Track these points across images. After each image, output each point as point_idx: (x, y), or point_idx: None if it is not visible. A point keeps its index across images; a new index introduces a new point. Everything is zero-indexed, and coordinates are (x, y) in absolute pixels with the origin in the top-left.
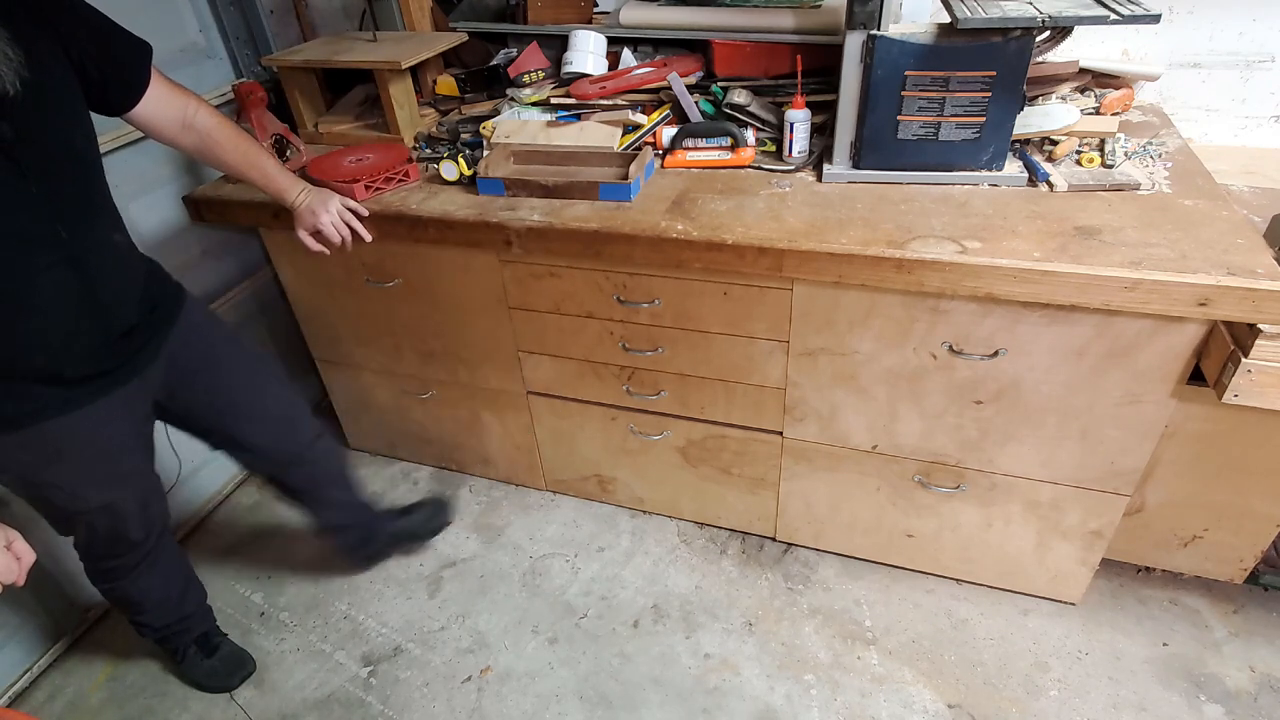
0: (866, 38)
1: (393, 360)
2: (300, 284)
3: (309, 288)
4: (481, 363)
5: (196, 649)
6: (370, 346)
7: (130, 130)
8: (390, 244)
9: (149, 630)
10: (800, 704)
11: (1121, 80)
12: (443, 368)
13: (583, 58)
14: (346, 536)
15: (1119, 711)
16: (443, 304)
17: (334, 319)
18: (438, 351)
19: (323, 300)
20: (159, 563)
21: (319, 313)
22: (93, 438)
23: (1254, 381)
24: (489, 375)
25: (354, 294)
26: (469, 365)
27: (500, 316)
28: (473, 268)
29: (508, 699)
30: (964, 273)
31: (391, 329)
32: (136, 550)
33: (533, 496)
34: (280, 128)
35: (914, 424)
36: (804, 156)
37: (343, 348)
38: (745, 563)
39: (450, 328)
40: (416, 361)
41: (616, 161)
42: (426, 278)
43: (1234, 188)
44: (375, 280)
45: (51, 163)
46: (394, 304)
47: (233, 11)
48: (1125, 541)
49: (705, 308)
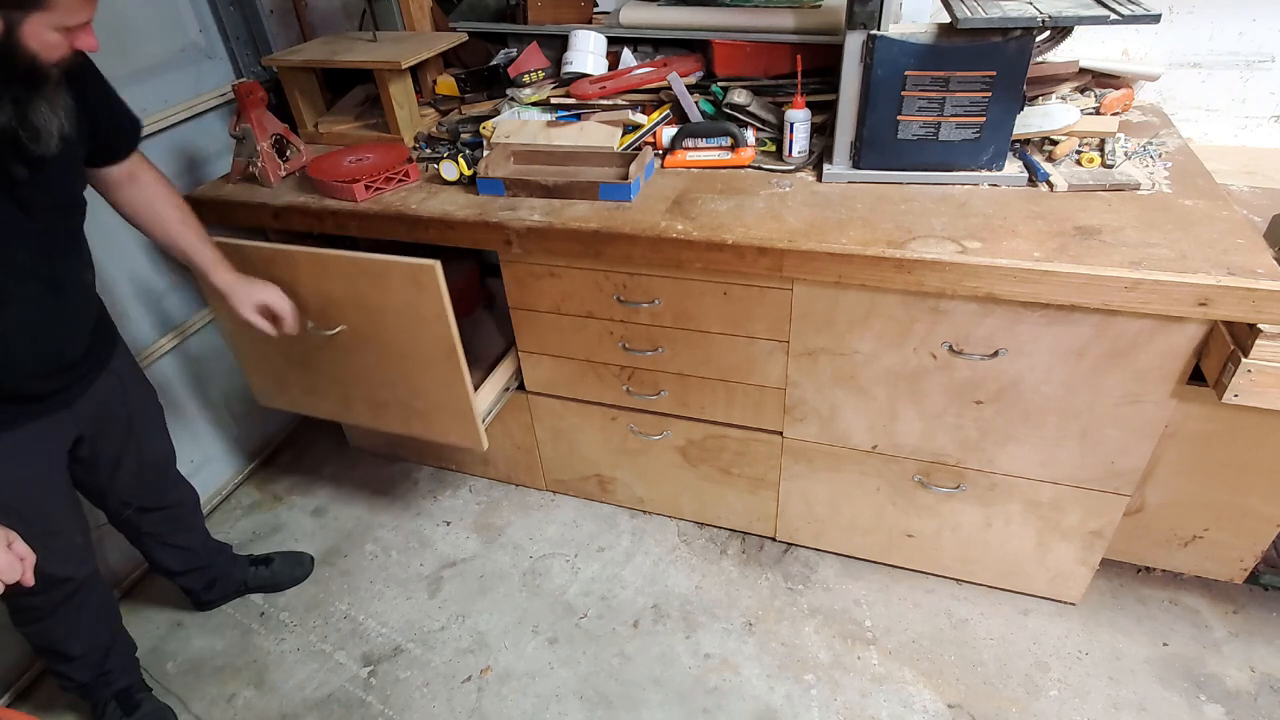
0: (866, 38)
1: (341, 409)
2: None
3: None
4: (434, 413)
5: (116, 704)
6: (316, 395)
7: None
8: (329, 285)
9: (70, 683)
10: (800, 704)
11: (1121, 80)
12: (396, 418)
13: (583, 58)
14: (188, 580)
15: (1119, 711)
16: (390, 353)
17: (278, 367)
18: (390, 402)
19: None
20: (86, 606)
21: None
22: (25, 459)
23: (1254, 381)
24: (447, 428)
25: (299, 340)
26: (423, 417)
27: (452, 368)
28: (421, 316)
29: (508, 699)
30: (964, 273)
31: (341, 379)
32: (59, 588)
33: (533, 496)
34: (280, 128)
35: (914, 424)
36: (804, 156)
37: (288, 396)
38: (745, 563)
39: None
40: (367, 413)
41: (616, 161)
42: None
43: (1234, 188)
44: (318, 327)
45: (53, 205)
46: (339, 353)
47: (233, 11)
48: (1125, 541)
49: (705, 308)
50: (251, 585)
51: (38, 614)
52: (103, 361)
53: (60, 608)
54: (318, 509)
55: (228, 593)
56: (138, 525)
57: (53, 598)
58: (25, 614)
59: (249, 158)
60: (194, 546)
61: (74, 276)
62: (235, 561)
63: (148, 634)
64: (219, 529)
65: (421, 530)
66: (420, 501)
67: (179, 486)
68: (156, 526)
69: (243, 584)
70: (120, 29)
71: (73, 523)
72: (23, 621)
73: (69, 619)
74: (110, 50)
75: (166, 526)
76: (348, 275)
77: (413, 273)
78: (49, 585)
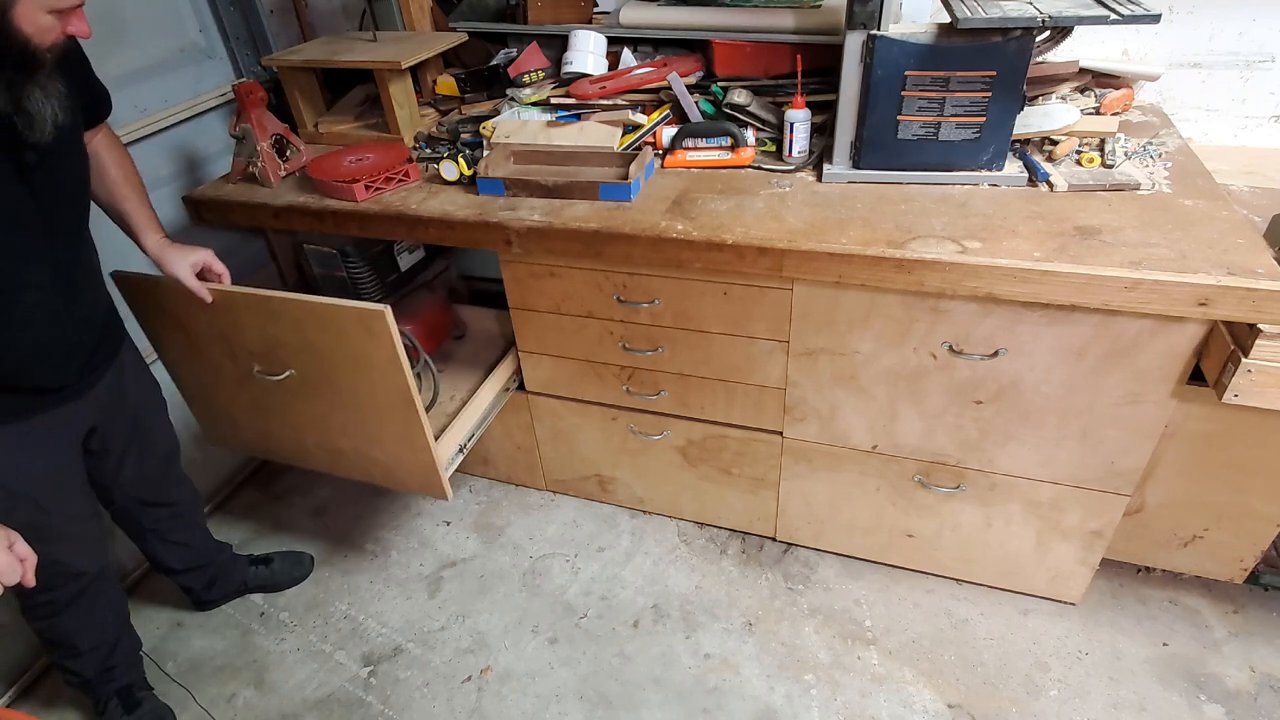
0: (867, 38)
1: (297, 455)
2: None
3: None
4: (393, 463)
5: (118, 702)
6: (269, 439)
7: (130, 130)
8: (275, 328)
9: (76, 678)
10: (800, 704)
11: (1121, 80)
12: (354, 466)
13: (583, 58)
14: (188, 578)
15: (1119, 711)
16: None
17: (227, 408)
18: (347, 450)
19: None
20: (99, 600)
21: None
22: (44, 450)
23: (1254, 381)
24: (407, 478)
25: (246, 384)
26: (382, 466)
27: (410, 418)
28: (373, 364)
29: (508, 699)
30: (964, 273)
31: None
32: (76, 582)
33: (533, 496)
34: (280, 128)
35: (914, 424)
36: (804, 156)
37: (241, 439)
38: (745, 563)
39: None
40: (324, 459)
41: (616, 161)
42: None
43: (1234, 188)
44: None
45: (60, 188)
46: (289, 398)
47: (233, 11)
48: (1125, 541)
49: (705, 308)
50: (251, 585)
51: (52, 609)
52: (113, 350)
53: (75, 601)
54: (318, 509)
55: (228, 592)
56: (140, 520)
57: (70, 591)
58: (41, 609)
59: (249, 158)
60: (194, 544)
61: (84, 263)
62: (235, 561)
63: (148, 633)
64: (219, 528)
65: (421, 530)
66: (420, 501)
67: (182, 483)
68: (158, 523)
69: (243, 584)
70: (120, 29)
71: (90, 513)
72: (37, 616)
73: (82, 613)
74: (111, 50)
75: (168, 523)
76: (293, 319)
77: (362, 318)
78: (66, 579)
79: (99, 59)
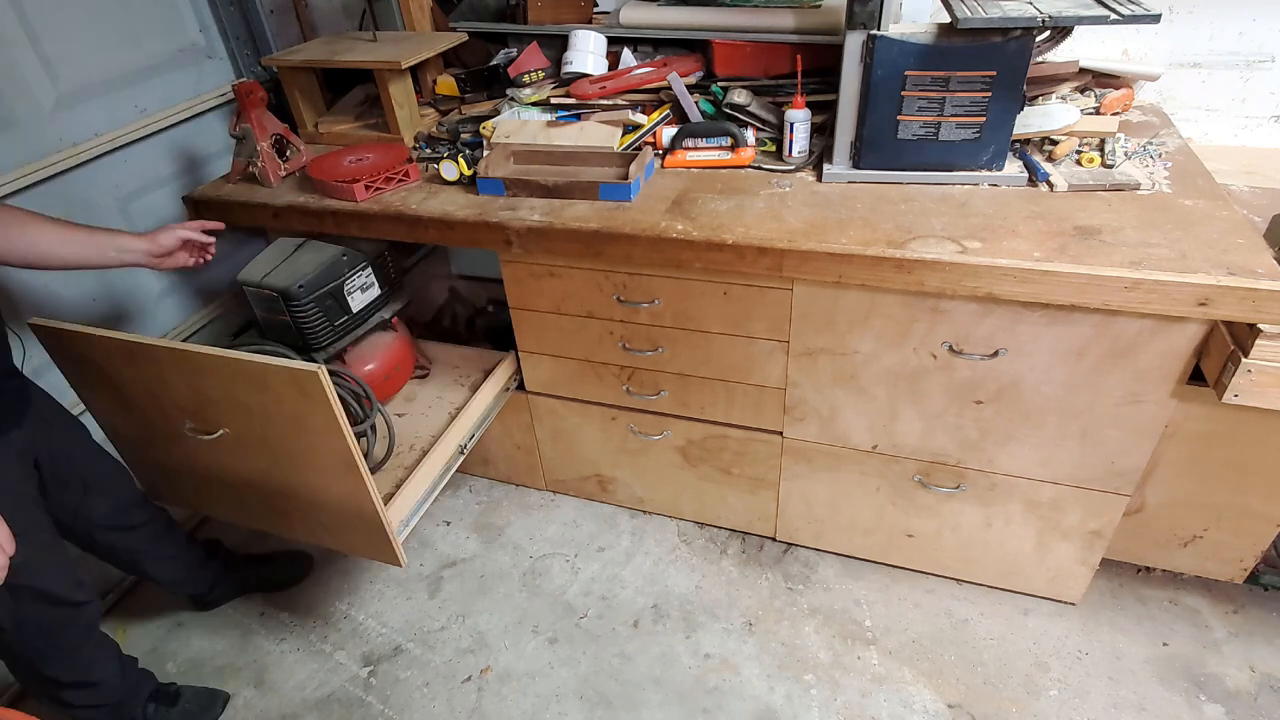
0: (866, 37)
1: (239, 514)
2: None
3: None
4: (342, 529)
5: (155, 705)
6: (210, 498)
7: (130, 130)
8: (203, 384)
9: (103, 710)
10: (800, 704)
11: (1121, 80)
12: (302, 528)
13: (583, 58)
14: (188, 586)
15: (1119, 711)
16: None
17: (163, 466)
18: (292, 511)
19: None
20: (94, 629)
21: None
22: None
23: (1254, 381)
24: (358, 544)
25: (176, 442)
26: (331, 531)
27: (355, 483)
28: (311, 427)
29: (508, 699)
30: (964, 273)
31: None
32: (68, 611)
33: (533, 496)
34: (280, 128)
35: (914, 424)
36: (804, 156)
37: (181, 495)
38: (745, 563)
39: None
40: (268, 519)
41: (616, 161)
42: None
43: (1234, 188)
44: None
45: None
46: (224, 457)
47: (233, 11)
48: (1125, 541)
49: (705, 308)
50: (251, 585)
51: (57, 648)
52: (16, 421)
53: (70, 628)
54: None
55: (228, 592)
56: (126, 545)
57: (64, 616)
58: (51, 652)
59: (249, 158)
60: (184, 554)
61: None
62: (234, 561)
63: (148, 634)
64: (218, 529)
65: (421, 530)
66: None
67: (146, 503)
68: (143, 543)
69: (243, 583)
70: (120, 29)
71: (58, 539)
72: (48, 665)
73: (87, 641)
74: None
75: (151, 542)
76: (221, 376)
77: (294, 378)
78: (55, 602)
79: (100, 59)
